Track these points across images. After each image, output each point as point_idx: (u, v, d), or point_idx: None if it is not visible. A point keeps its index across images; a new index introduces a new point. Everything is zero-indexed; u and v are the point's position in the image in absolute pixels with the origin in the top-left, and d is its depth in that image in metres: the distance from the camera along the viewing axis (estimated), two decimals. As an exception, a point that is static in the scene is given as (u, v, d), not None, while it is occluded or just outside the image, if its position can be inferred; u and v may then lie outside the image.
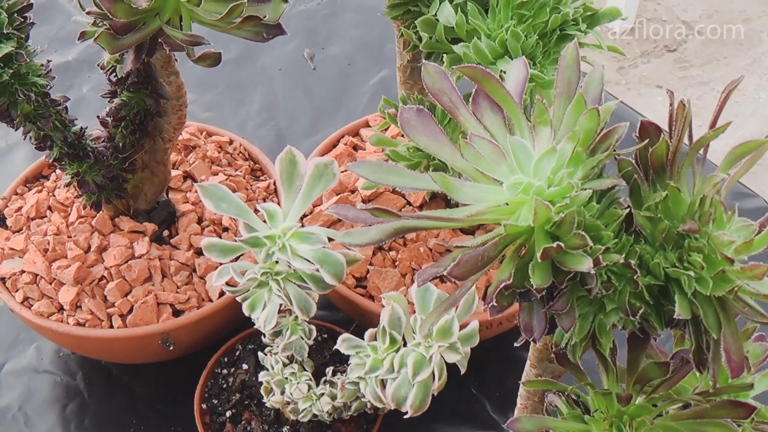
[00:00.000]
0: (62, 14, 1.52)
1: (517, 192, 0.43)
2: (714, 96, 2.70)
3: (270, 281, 0.81)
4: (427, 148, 0.49)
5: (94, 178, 0.87)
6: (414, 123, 0.49)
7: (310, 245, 0.79)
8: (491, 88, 0.48)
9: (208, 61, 0.70)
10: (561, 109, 0.48)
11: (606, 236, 0.44)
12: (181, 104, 0.86)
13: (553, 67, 0.74)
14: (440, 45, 0.73)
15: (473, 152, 0.45)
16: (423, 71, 0.51)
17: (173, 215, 0.98)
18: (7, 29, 0.73)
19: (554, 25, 0.71)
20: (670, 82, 2.73)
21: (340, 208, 0.48)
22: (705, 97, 2.72)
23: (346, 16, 1.53)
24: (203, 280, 0.94)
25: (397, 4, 0.79)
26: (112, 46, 0.69)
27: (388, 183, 0.48)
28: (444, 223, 0.44)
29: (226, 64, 1.22)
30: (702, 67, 2.84)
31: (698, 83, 2.77)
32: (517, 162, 0.46)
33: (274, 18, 0.72)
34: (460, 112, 0.50)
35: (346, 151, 1.05)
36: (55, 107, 0.80)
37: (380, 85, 1.40)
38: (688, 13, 3.06)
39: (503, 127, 0.49)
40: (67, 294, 0.90)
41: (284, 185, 0.82)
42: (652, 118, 1.16)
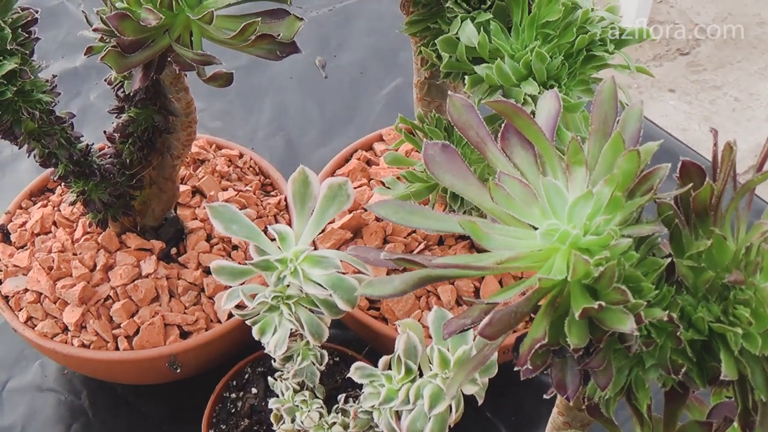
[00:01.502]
0: (70, 19, 1.49)
1: (551, 240, 0.40)
2: (727, 101, 2.67)
3: (281, 305, 0.79)
4: (453, 187, 0.46)
5: (101, 196, 0.85)
6: (439, 160, 0.46)
7: (323, 270, 0.76)
8: (522, 124, 0.45)
9: (219, 82, 0.68)
10: (596, 147, 0.45)
11: (647, 288, 0.41)
12: (191, 121, 0.83)
13: (578, 89, 0.71)
14: (461, 65, 0.70)
15: (504, 195, 0.42)
16: (448, 103, 0.48)
17: (181, 232, 0.96)
18: (10, 45, 0.70)
19: (581, 45, 0.68)
20: (683, 85, 2.70)
21: (360, 250, 0.45)
22: (718, 101, 2.69)
23: (358, 23, 1.50)
24: (212, 300, 0.91)
25: (416, 21, 0.76)
26: (120, 65, 0.66)
27: (411, 224, 0.45)
28: (472, 271, 0.41)
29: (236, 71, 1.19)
30: (715, 71, 2.80)
31: (711, 87, 2.74)
32: (550, 205, 0.43)
33: (288, 36, 0.69)
34: (488, 148, 0.47)
35: (359, 167, 1.02)
36: (60, 124, 0.77)
37: (393, 94, 1.37)
38: (701, 16, 3.03)
39: (534, 165, 0.46)
40: (71, 314, 0.87)
41: (296, 207, 0.79)
42: (665, 124, 1.13)
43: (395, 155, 0.84)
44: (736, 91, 2.69)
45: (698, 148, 2.54)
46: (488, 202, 0.45)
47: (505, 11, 0.72)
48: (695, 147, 2.49)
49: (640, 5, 2.75)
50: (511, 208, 0.42)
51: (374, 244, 0.94)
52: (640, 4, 2.75)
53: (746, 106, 2.67)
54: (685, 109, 2.58)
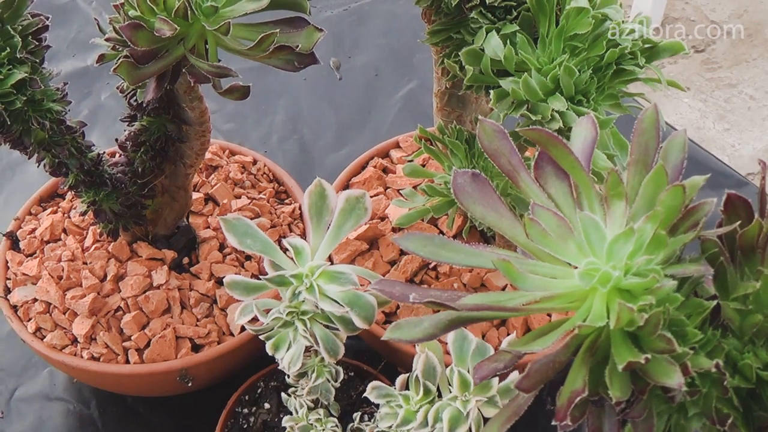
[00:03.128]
0: (81, 17, 1.47)
1: (591, 282, 0.38)
2: (742, 99, 2.64)
3: (296, 321, 0.77)
4: (484, 219, 0.44)
5: (112, 206, 0.82)
6: (469, 190, 0.44)
7: (340, 286, 0.74)
8: (557, 153, 0.43)
9: (235, 95, 0.65)
10: (637, 178, 0.42)
11: (691, 333, 0.38)
12: (205, 130, 0.81)
13: (607, 103, 0.68)
14: (485, 78, 0.68)
15: (539, 231, 0.40)
16: (479, 129, 0.45)
17: (194, 241, 0.93)
18: (20, 53, 0.68)
19: (610, 59, 0.66)
20: (698, 83, 2.67)
21: (384, 284, 0.43)
22: (733, 99, 2.66)
23: (373, 23, 1.48)
24: (224, 312, 0.89)
25: (438, 31, 0.73)
26: (133, 76, 0.64)
27: (440, 259, 0.42)
28: (505, 313, 0.39)
29: (249, 72, 1.17)
30: (730, 68, 2.77)
31: (726, 85, 2.70)
32: (587, 240, 0.41)
33: (306, 47, 0.67)
34: (521, 178, 0.44)
35: (375, 175, 1.00)
36: (71, 134, 0.75)
37: (409, 97, 1.35)
38: (717, 13, 3.00)
39: (570, 196, 0.44)
40: (81, 326, 0.85)
41: (313, 220, 0.77)
42: (680, 122, 1.08)
43: (414, 167, 0.82)
44: (751, 89, 2.66)
45: (712, 147, 2.51)
46: (522, 236, 0.42)
47: (531, 21, 0.69)
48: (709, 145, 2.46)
49: (656, 2, 2.72)
50: (546, 245, 0.40)
51: (390, 256, 0.91)
52: (656, 1, 2.72)
53: (762, 105, 2.64)
54: (699, 108, 2.55)
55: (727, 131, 2.57)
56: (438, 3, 0.72)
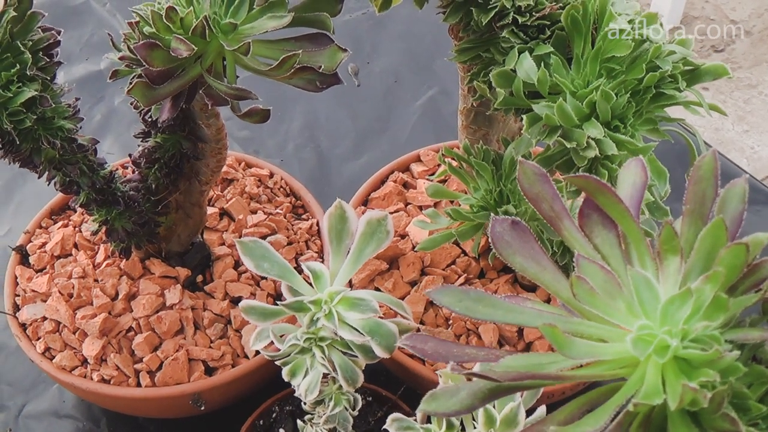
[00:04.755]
0: (94, 18, 1.44)
1: (646, 351, 0.35)
2: (762, 100, 2.60)
3: (313, 348, 0.74)
4: (525, 271, 0.40)
5: (124, 225, 0.80)
6: (508, 239, 0.41)
7: (360, 313, 0.71)
8: (605, 201, 0.40)
9: (255, 119, 0.62)
10: (692, 231, 0.39)
11: (754, 408, 0.35)
12: (221, 147, 0.78)
13: (644, 128, 0.65)
14: (516, 100, 0.64)
15: (586, 289, 0.37)
16: (519, 171, 0.42)
17: (208, 258, 0.91)
18: (30, 70, 0.65)
19: (650, 83, 0.62)
20: (717, 84, 2.62)
21: (416, 341, 0.40)
22: (752, 100, 2.62)
23: (393, 27, 1.44)
24: (239, 333, 0.86)
25: (466, 49, 0.70)
26: (148, 97, 0.61)
27: (476, 315, 0.39)
28: (549, 381, 0.35)
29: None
30: (750, 69, 2.73)
31: (746, 86, 2.66)
32: (638, 300, 0.38)
33: (330, 67, 0.64)
34: (564, 226, 0.41)
35: (396, 190, 0.97)
36: (82, 152, 0.72)
37: (429, 105, 1.31)
38: (737, 12, 2.95)
39: (617, 248, 0.40)
40: (91, 347, 0.83)
41: (332, 244, 0.74)
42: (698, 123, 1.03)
43: (437, 187, 0.79)
44: (772, 89, 2.62)
45: (731, 148, 2.47)
46: (566, 292, 0.39)
47: (565, 41, 0.66)
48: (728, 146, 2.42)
49: (675, 1, 2.68)
50: (594, 305, 0.37)
51: (411, 277, 0.88)
52: (675, 0, 2.68)
53: (780, 105, 2.60)
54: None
55: (746, 133, 2.52)
56: (467, 20, 0.68)
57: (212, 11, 0.63)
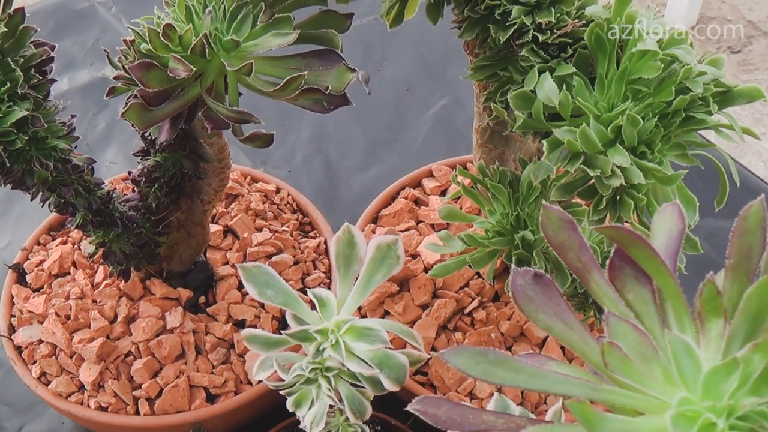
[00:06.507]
0: (100, 23, 1.41)
1: (688, 431, 0.31)
2: (780, 103, 2.55)
3: (319, 378, 0.70)
4: (549, 330, 0.37)
5: (122, 247, 0.76)
6: (531, 294, 0.37)
7: (369, 344, 0.68)
8: (639, 254, 0.36)
9: (257, 143, 0.59)
10: (736, 288, 0.35)
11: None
12: (224, 166, 0.74)
13: (672, 153, 0.61)
14: (536, 123, 0.61)
15: (618, 356, 0.33)
16: (543, 217, 0.38)
17: (211, 279, 0.87)
18: (22, 88, 0.62)
19: (679, 106, 0.58)
20: (733, 86, 2.58)
21: (428, 405, 0.36)
22: (770, 103, 2.56)
23: (405, 33, 1.40)
24: (242, 358, 0.82)
25: (483, 66, 0.66)
26: (143, 120, 0.58)
27: (495, 380, 0.35)
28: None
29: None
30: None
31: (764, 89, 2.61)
32: (677, 368, 0.34)
33: (338, 88, 0.60)
34: (593, 279, 0.37)
35: (407, 207, 0.93)
36: (77, 173, 0.69)
37: (441, 114, 1.27)
38: (755, 13, 2.90)
39: (652, 304, 0.36)
40: (88, 372, 0.79)
41: (340, 270, 0.70)
42: None
43: (450, 210, 0.75)
44: (789, 93, 2.58)
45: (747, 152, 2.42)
46: (595, 355, 0.35)
47: (588, 59, 0.62)
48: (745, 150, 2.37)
49: (691, 1, 2.64)
50: (627, 374, 0.33)
51: (422, 299, 0.84)
52: (691, 0, 2.63)
53: (801, 108, 2.56)
54: (734, 111, 2.46)
55: (764, 135, 2.47)
56: (484, 36, 0.65)
57: (213, 27, 0.60)
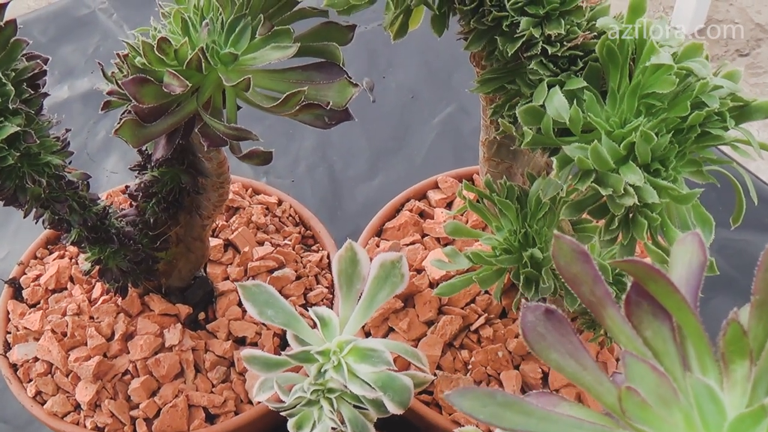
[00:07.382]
0: (100, 30, 1.39)
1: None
2: (789, 106, 2.52)
3: (321, 400, 0.68)
4: (562, 370, 0.34)
5: (119, 264, 0.74)
6: (542, 331, 0.34)
7: (372, 366, 0.66)
8: (657, 290, 0.33)
9: (255, 161, 0.57)
10: (762, 327, 0.33)
11: None
12: (223, 181, 0.72)
13: (687, 170, 0.58)
14: (545, 139, 0.58)
15: (636, 402, 0.31)
16: (554, 248, 0.36)
17: (211, 294, 0.85)
18: (13, 103, 0.60)
19: (694, 122, 0.56)
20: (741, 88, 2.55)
21: None
22: (779, 107, 2.53)
23: (410, 39, 1.37)
24: (242, 377, 0.80)
25: (490, 80, 0.64)
26: (137, 137, 0.56)
27: (503, 424, 0.33)
28: None
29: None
30: (776, 73, 2.66)
31: (771, 91, 2.59)
32: (699, 413, 0.31)
33: (339, 103, 0.58)
34: (608, 314, 0.35)
35: (412, 220, 0.91)
36: (72, 189, 0.67)
37: (447, 122, 1.25)
38: (763, 15, 2.88)
39: (672, 343, 0.34)
40: (85, 392, 0.77)
41: (342, 289, 0.68)
42: None
43: (456, 225, 0.72)
44: (798, 96, 2.55)
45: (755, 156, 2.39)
46: (610, 397, 0.33)
47: (599, 73, 0.60)
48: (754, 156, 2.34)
49: (699, 3, 2.61)
50: (646, 420, 0.31)
51: (428, 316, 0.82)
52: (699, 3, 2.61)
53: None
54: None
55: (769, 141, 2.45)
56: (491, 48, 0.62)
57: (210, 40, 0.57)
